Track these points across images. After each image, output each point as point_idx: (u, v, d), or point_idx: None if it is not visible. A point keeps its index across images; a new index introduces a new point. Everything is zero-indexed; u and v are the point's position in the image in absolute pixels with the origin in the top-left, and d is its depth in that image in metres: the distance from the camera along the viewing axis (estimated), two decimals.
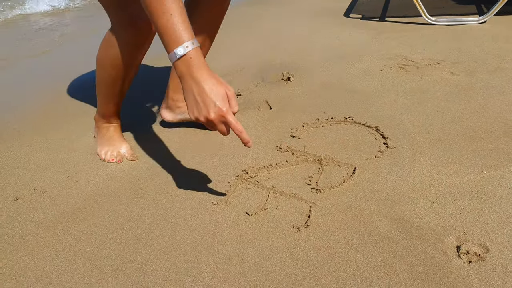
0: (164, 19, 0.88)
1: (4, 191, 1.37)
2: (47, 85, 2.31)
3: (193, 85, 0.90)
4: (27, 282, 1.01)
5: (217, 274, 0.98)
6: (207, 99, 0.89)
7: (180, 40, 0.89)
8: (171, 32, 0.89)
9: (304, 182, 1.27)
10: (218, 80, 0.92)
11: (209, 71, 0.92)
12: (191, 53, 0.89)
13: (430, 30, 2.54)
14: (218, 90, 0.90)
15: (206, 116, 0.90)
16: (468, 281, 0.90)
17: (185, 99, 0.94)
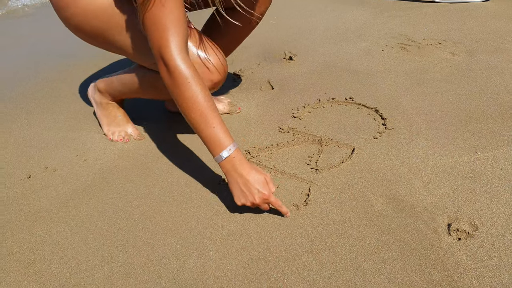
0: (208, 131, 1.04)
1: (17, 169, 1.43)
2: (53, 65, 2.34)
3: (238, 178, 1.06)
4: (44, 255, 1.08)
5: (221, 249, 1.04)
6: (251, 188, 1.05)
7: (223, 146, 1.05)
8: (215, 140, 1.05)
9: (304, 162, 1.32)
10: (258, 170, 1.08)
11: (249, 164, 1.07)
12: (233, 154, 1.05)
13: (433, 9, 2.53)
14: (259, 179, 1.05)
15: (252, 201, 1.05)
16: (457, 257, 0.96)
17: (232, 190, 1.09)
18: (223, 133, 1.05)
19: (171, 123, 1.62)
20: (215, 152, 1.06)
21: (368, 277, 0.93)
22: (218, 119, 1.05)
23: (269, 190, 1.06)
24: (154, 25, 1.00)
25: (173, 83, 1.03)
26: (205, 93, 1.03)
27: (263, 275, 0.96)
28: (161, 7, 0.98)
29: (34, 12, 3.62)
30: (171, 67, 1.01)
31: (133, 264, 1.02)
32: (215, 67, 1.25)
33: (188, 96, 1.02)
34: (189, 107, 1.03)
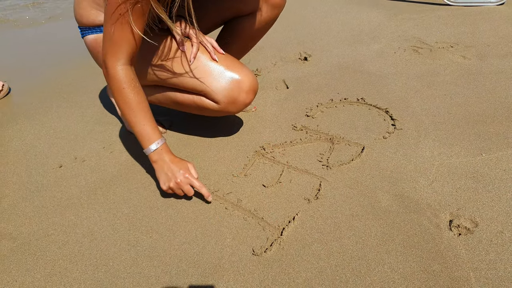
0: (140, 127, 1.19)
1: (49, 159, 1.54)
2: (81, 63, 2.46)
3: (164, 164, 1.22)
4: (76, 237, 1.18)
5: (237, 236, 1.13)
6: (174, 170, 1.21)
7: (152, 140, 1.20)
8: (145, 135, 1.20)
9: (316, 159, 1.40)
10: (181, 159, 1.25)
11: (173, 155, 1.24)
12: (161, 147, 1.22)
13: (447, 11, 2.57)
14: (182, 164, 1.23)
15: (175, 180, 1.20)
16: (456, 251, 1.03)
17: (158, 176, 1.23)
18: (151, 129, 1.19)
19: (192, 116, 1.72)
20: (145, 146, 1.21)
21: (373, 266, 1.01)
22: (148, 118, 1.19)
23: (191, 173, 1.21)
24: (110, 38, 1.10)
25: (111, 86, 1.16)
26: (139, 97, 1.17)
27: (275, 261, 1.05)
28: (120, 27, 1.08)
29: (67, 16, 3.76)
30: (110, 73, 1.14)
31: (156, 248, 1.12)
32: (248, 87, 1.34)
33: (123, 98, 1.16)
34: (124, 108, 1.17)
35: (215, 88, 1.30)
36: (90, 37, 1.38)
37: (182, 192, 1.23)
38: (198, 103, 1.37)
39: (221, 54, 1.33)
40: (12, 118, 1.90)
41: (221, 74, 1.30)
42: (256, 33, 1.54)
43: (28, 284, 1.05)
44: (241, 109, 1.38)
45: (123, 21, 1.07)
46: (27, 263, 1.11)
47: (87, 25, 1.36)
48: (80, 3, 1.32)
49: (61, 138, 1.68)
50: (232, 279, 1.01)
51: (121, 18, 1.07)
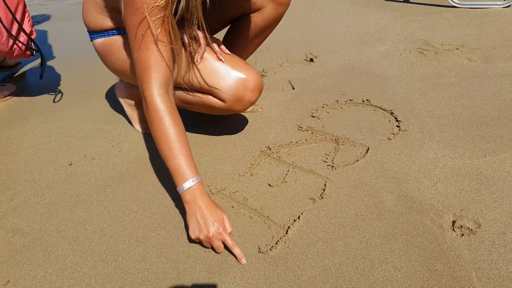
0: (174, 162, 1.10)
1: (60, 157, 1.58)
2: (89, 63, 2.49)
3: (197, 209, 1.09)
4: (86, 233, 1.21)
5: (243, 234, 1.16)
6: (208, 220, 1.08)
7: (186, 177, 1.10)
8: (180, 171, 1.10)
9: (321, 159, 1.42)
10: (217, 206, 1.13)
11: (209, 199, 1.12)
12: (195, 186, 1.10)
13: (453, 13, 2.58)
14: (217, 214, 1.10)
15: (206, 234, 1.07)
16: (459, 251, 1.05)
17: (188, 221, 1.11)
18: (187, 165, 1.10)
19: (199, 116, 1.75)
20: (178, 183, 1.11)
21: (376, 265, 1.03)
22: (185, 153, 1.11)
23: (225, 228, 1.09)
24: (140, 64, 1.10)
25: (149, 117, 1.12)
26: (177, 129, 1.11)
27: (280, 259, 1.07)
28: (146, 49, 1.08)
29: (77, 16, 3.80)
30: (148, 102, 1.10)
31: (164, 245, 1.15)
32: (254, 86, 1.35)
33: (160, 129, 1.10)
34: (160, 139, 1.11)
35: (222, 87, 1.33)
36: (98, 41, 1.42)
37: (210, 246, 1.11)
38: (205, 102, 1.40)
39: (227, 55, 1.36)
40: (24, 117, 1.94)
41: (227, 74, 1.33)
42: (262, 30, 1.56)
43: (40, 278, 1.08)
44: (247, 107, 1.40)
45: (146, 42, 1.07)
46: (39, 258, 1.14)
47: (95, 30, 1.39)
48: (87, 9, 1.36)
49: (71, 136, 1.71)
50: (238, 275, 1.03)
51: (144, 39, 1.07)
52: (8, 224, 1.28)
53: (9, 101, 2.12)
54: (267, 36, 1.62)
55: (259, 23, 1.51)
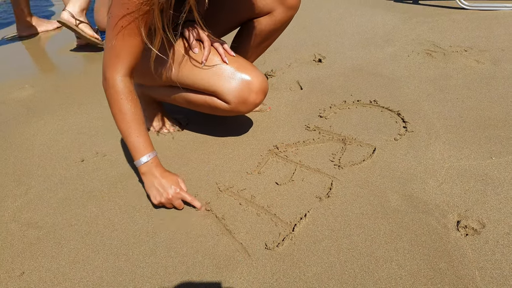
0: (132, 138, 1.23)
1: (72, 153, 1.62)
2: (100, 59, 2.53)
3: (154, 179, 1.25)
4: (98, 228, 1.25)
5: (251, 231, 1.18)
6: (164, 185, 1.24)
7: (143, 152, 1.24)
8: (138, 147, 1.24)
9: (328, 159, 1.44)
10: (170, 172, 1.29)
11: (162, 168, 1.28)
12: (151, 160, 1.25)
13: (462, 15, 2.58)
14: (172, 178, 1.26)
15: (166, 196, 1.23)
16: (463, 250, 1.06)
17: (148, 190, 1.27)
18: (144, 142, 1.24)
19: (208, 115, 1.77)
20: (136, 157, 1.25)
21: (381, 263, 1.05)
22: (142, 130, 1.23)
23: (181, 188, 1.25)
24: (111, 51, 1.17)
25: (109, 96, 1.22)
26: (135, 109, 1.22)
27: (287, 256, 1.10)
28: (122, 40, 1.14)
29: None
30: (109, 83, 1.19)
31: (174, 240, 1.18)
32: (258, 88, 1.38)
33: (119, 108, 1.21)
34: (119, 118, 1.22)
35: (226, 89, 1.35)
36: None
37: (172, 206, 1.27)
38: (210, 103, 1.42)
39: (232, 56, 1.39)
40: (37, 114, 1.99)
41: (232, 75, 1.35)
42: (271, 33, 1.58)
43: (54, 270, 1.12)
44: (251, 109, 1.43)
45: (125, 33, 1.13)
46: (52, 251, 1.18)
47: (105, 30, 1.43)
48: (98, 11, 1.41)
49: (83, 133, 1.75)
50: (246, 271, 1.06)
51: (123, 30, 1.13)
52: (23, 217, 1.32)
53: (24, 99, 2.17)
54: (275, 39, 1.65)
55: (268, 26, 1.53)
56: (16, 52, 3.09)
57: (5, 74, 2.62)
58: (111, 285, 1.06)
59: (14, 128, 1.88)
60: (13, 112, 2.05)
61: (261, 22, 1.53)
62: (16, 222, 1.30)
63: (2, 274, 1.12)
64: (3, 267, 1.14)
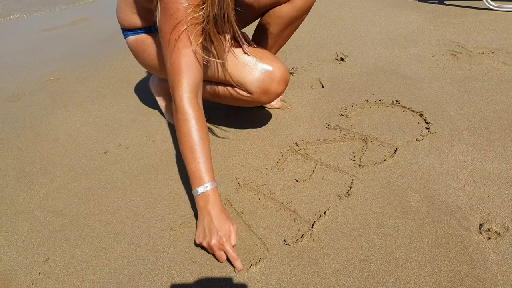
0: (193, 165, 1.13)
1: (96, 145, 1.65)
2: (125, 55, 2.58)
3: (206, 217, 1.12)
4: (120, 218, 1.28)
5: (269, 226, 1.19)
6: (212, 229, 1.10)
7: (202, 181, 1.13)
8: (197, 175, 1.13)
9: (349, 158, 1.44)
10: (227, 216, 1.14)
11: (221, 207, 1.14)
12: (209, 192, 1.13)
13: (489, 16, 2.53)
14: (223, 225, 1.11)
15: (209, 242, 1.09)
16: (485, 254, 1.05)
17: (197, 226, 1.15)
18: (205, 170, 1.13)
19: (229, 111, 1.79)
20: (194, 186, 1.14)
21: (400, 263, 1.04)
22: (205, 158, 1.13)
23: (229, 239, 1.09)
24: (172, 68, 1.15)
25: (176, 119, 1.17)
26: (201, 133, 1.14)
27: (305, 252, 1.10)
28: (178, 54, 1.13)
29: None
30: (177, 104, 1.15)
31: (193, 233, 1.19)
32: (280, 78, 1.39)
33: (184, 132, 1.14)
34: (183, 141, 1.15)
35: (248, 79, 1.37)
36: (131, 38, 1.48)
37: (214, 253, 1.11)
38: (233, 94, 1.44)
39: (253, 47, 1.41)
40: (62, 105, 2.04)
41: (254, 66, 1.36)
42: (292, 21, 1.57)
43: (77, 257, 1.15)
44: (273, 99, 1.44)
45: (179, 46, 1.12)
46: (76, 238, 1.21)
47: (129, 28, 1.46)
48: (121, 9, 1.43)
49: (107, 125, 1.79)
50: (264, 265, 1.07)
51: (177, 43, 1.12)
52: (48, 205, 1.36)
53: (50, 91, 2.23)
54: (296, 27, 1.63)
55: (289, 13, 1.53)
56: (42, 44, 3.17)
57: (32, 66, 2.69)
58: (132, 273, 1.08)
59: (41, 119, 1.94)
60: (39, 103, 2.11)
61: (282, 10, 1.53)
62: (41, 210, 1.34)
63: (29, 258, 1.16)
64: (30, 252, 1.18)
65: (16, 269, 1.13)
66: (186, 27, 1.10)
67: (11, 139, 1.78)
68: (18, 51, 3.13)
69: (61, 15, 4.29)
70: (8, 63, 2.85)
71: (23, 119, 1.96)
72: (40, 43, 3.26)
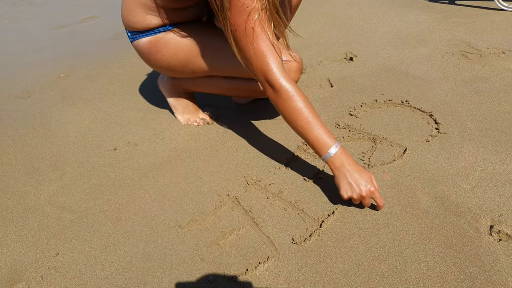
0: (314, 134, 1.18)
1: (105, 142, 1.66)
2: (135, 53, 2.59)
3: (347, 173, 1.18)
4: (128, 215, 1.28)
5: (278, 225, 1.19)
6: (359, 182, 1.16)
7: (329, 144, 1.18)
8: (322, 141, 1.18)
9: (358, 157, 1.43)
10: (363, 167, 1.21)
11: (355, 162, 1.20)
12: (340, 150, 1.19)
13: (500, 17, 2.50)
14: (365, 175, 1.18)
15: (360, 193, 1.16)
16: (495, 256, 1.04)
17: (339, 183, 1.19)
18: (327, 134, 1.19)
19: (238, 110, 1.79)
20: (323, 151, 1.19)
21: (409, 263, 1.04)
22: (321, 124, 1.19)
23: (375, 186, 1.17)
24: (256, 55, 1.17)
25: (280, 99, 1.19)
26: (307, 103, 1.19)
27: (314, 251, 1.10)
28: (258, 40, 1.16)
29: None
30: (276, 87, 1.18)
31: (202, 230, 1.20)
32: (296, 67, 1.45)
33: (295, 107, 1.18)
34: (295, 116, 1.19)
35: None
36: (144, 40, 1.46)
37: (358, 202, 1.20)
38: (251, 87, 1.48)
39: None
40: (72, 102, 2.05)
41: None
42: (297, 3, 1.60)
43: (86, 252, 1.16)
44: None
45: (257, 33, 1.16)
46: (85, 234, 1.22)
47: (141, 30, 1.45)
48: (132, 11, 1.40)
49: (116, 123, 1.80)
50: (272, 264, 1.07)
51: (254, 33, 1.15)
52: (58, 201, 1.37)
53: (60, 88, 2.24)
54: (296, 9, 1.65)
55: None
56: (52, 42, 3.20)
57: (42, 63, 2.72)
58: (140, 270, 1.09)
59: (51, 115, 1.95)
60: (49, 100, 2.13)
61: None
62: (51, 205, 1.35)
63: (38, 253, 1.17)
64: (40, 247, 1.19)
65: (26, 263, 1.15)
66: (257, 15, 1.14)
67: (21, 136, 1.80)
68: (28, 48, 3.16)
69: (70, 13, 4.32)
70: (18, 60, 2.88)
71: (33, 115, 1.98)
72: (50, 41, 3.29)
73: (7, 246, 1.22)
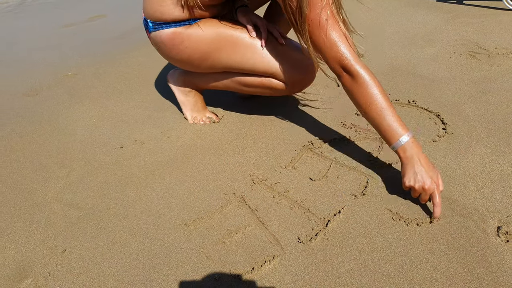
0: (386, 122, 1.20)
1: (111, 140, 1.67)
2: (142, 51, 2.60)
3: (416, 163, 1.18)
4: (135, 212, 1.29)
5: (283, 224, 1.19)
6: (426, 175, 1.16)
7: (401, 133, 1.19)
8: (394, 129, 1.20)
9: (364, 157, 1.43)
10: (432, 164, 1.21)
11: (425, 155, 1.20)
12: (411, 140, 1.19)
13: (509, 17, 2.48)
14: (434, 171, 1.18)
15: (423, 186, 1.15)
16: (503, 257, 1.03)
17: (405, 171, 1.19)
18: (398, 123, 1.20)
19: (244, 109, 1.79)
20: (394, 139, 1.20)
21: (416, 264, 1.03)
22: (395, 112, 1.21)
23: (439, 185, 1.16)
24: (330, 46, 1.21)
25: (357, 86, 1.22)
26: (383, 91, 1.21)
27: (319, 250, 1.10)
28: (332, 30, 1.20)
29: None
30: (354, 73, 1.21)
31: (207, 229, 1.20)
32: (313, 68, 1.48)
33: (370, 95, 1.20)
34: (370, 102, 1.21)
35: (284, 70, 1.44)
36: (168, 30, 1.45)
37: (417, 195, 1.20)
38: (267, 84, 1.51)
39: (286, 39, 1.46)
40: (79, 100, 2.07)
41: (289, 57, 1.45)
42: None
43: (93, 250, 1.16)
44: (305, 88, 1.56)
45: (330, 24, 1.20)
46: (91, 231, 1.23)
47: (167, 20, 1.43)
48: (162, 2, 1.40)
49: (122, 121, 1.80)
50: (278, 262, 1.07)
51: (327, 24, 1.19)
52: (65, 198, 1.38)
53: (67, 85, 2.26)
54: None
55: None
56: (60, 40, 3.22)
57: (49, 61, 2.74)
58: (146, 267, 1.09)
59: (58, 113, 1.97)
60: (57, 98, 2.14)
61: None
62: (58, 202, 1.36)
63: (46, 250, 1.18)
64: (47, 243, 1.20)
65: (33, 260, 1.15)
66: (330, 8, 1.19)
67: (29, 133, 1.82)
68: (36, 47, 3.19)
69: (78, 12, 4.35)
70: (26, 58, 2.90)
71: (41, 113, 1.99)
72: (58, 39, 3.31)
73: (15, 242, 1.23)
